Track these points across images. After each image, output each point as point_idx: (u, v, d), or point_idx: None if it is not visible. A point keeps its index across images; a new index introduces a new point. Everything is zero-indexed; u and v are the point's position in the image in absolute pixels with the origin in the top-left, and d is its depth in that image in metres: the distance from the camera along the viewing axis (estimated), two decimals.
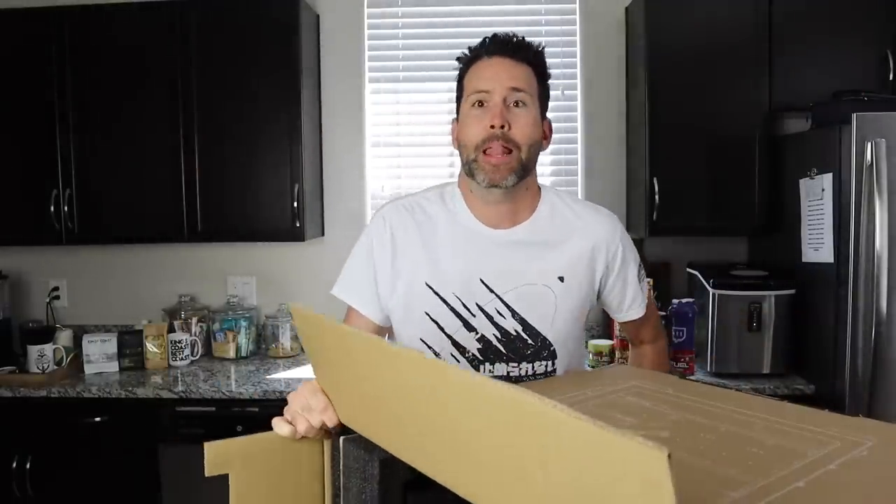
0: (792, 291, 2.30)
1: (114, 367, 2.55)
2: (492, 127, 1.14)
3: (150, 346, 2.58)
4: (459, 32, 2.76)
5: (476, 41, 1.26)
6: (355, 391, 0.76)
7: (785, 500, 0.55)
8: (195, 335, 2.71)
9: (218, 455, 0.76)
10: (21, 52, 2.56)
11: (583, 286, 1.24)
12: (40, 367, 2.46)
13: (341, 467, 0.78)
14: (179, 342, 2.61)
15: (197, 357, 2.69)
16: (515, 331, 1.20)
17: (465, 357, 1.20)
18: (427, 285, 1.20)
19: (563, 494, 0.47)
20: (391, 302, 1.23)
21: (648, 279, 2.40)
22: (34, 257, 2.94)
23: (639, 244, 2.74)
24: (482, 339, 1.19)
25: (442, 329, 1.20)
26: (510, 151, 1.15)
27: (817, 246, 2.17)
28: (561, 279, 1.22)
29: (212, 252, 2.89)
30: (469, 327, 1.19)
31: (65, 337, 2.61)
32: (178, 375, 2.48)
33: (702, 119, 2.46)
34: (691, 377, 2.29)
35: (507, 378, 1.20)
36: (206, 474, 0.75)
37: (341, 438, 0.78)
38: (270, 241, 2.75)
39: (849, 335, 2.04)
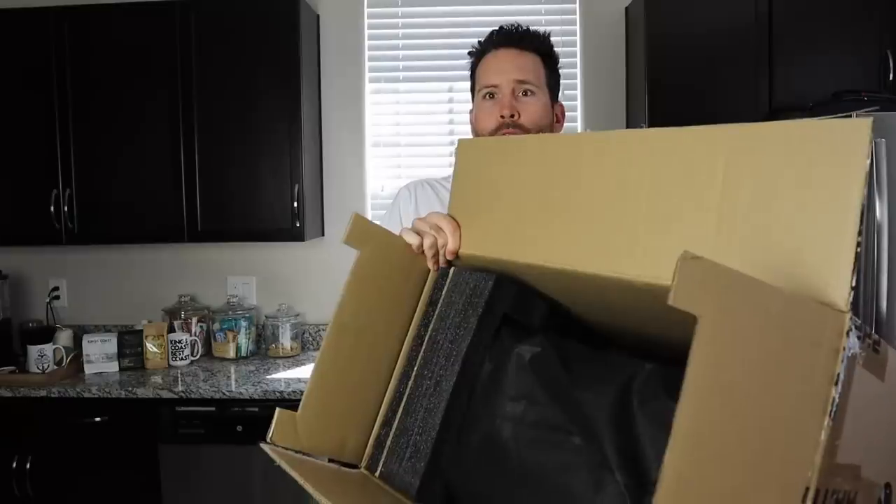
0: None
1: (114, 367, 2.55)
2: (501, 117, 1.24)
3: (150, 346, 2.58)
4: (459, 32, 2.76)
5: (475, 41, 1.33)
6: (502, 206, 0.82)
7: None
8: (195, 335, 2.71)
9: (360, 230, 0.83)
10: (21, 52, 2.56)
11: None
12: (40, 367, 2.46)
13: (448, 284, 0.85)
14: (179, 342, 2.61)
15: (197, 357, 2.69)
16: None
17: None
18: None
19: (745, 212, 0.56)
20: None
21: None
22: (34, 257, 2.94)
23: None
24: None
25: None
26: (520, 133, 1.24)
27: None
28: None
29: (212, 252, 2.90)
30: None
31: (65, 337, 2.61)
32: (178, 375, 2.48)
33: (702, 119, 2.40)
34: None
35: None
36: (344, 239, 0.82)
37: (453, 266, 0.87)
38: (270, 241, 2.75)
39: None
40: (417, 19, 2.82)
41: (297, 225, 2.56)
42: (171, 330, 2.68)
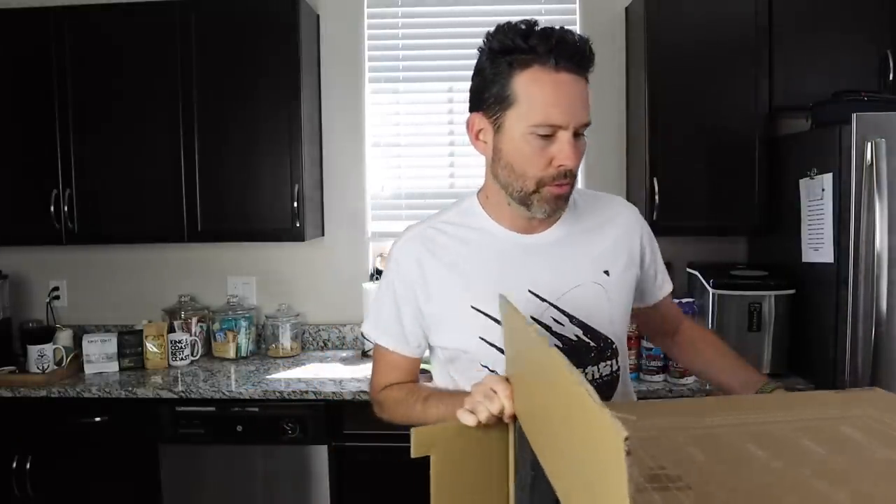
0: (792, 291, 2.29)
1: (114, 367, 2.55)
2: (560, 165, 1.04)
3: (150, 346, 2.58)
4: (459, 32, 2.76)
5: (475, 39, 1.14)
6: (523, 383, 0.84)
7: None
8: (195, 335, 2.70)
9: (422, 439, 0.86)
10: (21, 52, 2.56)
11: (628, 276, 1.22)
12: (40, 367, 2.46)
13: (513, 453, 0.87)
14: (179, 342, 2.61)
15: (197, 357, 2.69)
16: (576, 336, 1.14)
17: None
18: (474, 308, 1.13)
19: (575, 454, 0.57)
20: (434, 336, 1.20)
21: None
22: (34, 257, 2.94)
23: None
24: None
25: (501, 350, 1.11)
26: (572, 181, 1.09)
27: (817, 246, 2.17)
28: (607, 273, 1.18)
29: (212, 252, 2.89)
30: None
31: (65, 337, 2.61)
32: (178, 375, 2.48)
33: (702, 119, 2.46)
34: (689, 378, 2.29)
35: None
36: (413, 455, 0.86)
37: (516, 426, 0.88)
38: (270, 241, 2.75)
39: (849, 335, 2.04)
40: (417, 19, 2.82)
41: (297, 225, 2.56)
42: (171, 330, 2.68)
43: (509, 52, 1.04)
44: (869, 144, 1.96)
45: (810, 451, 0.73)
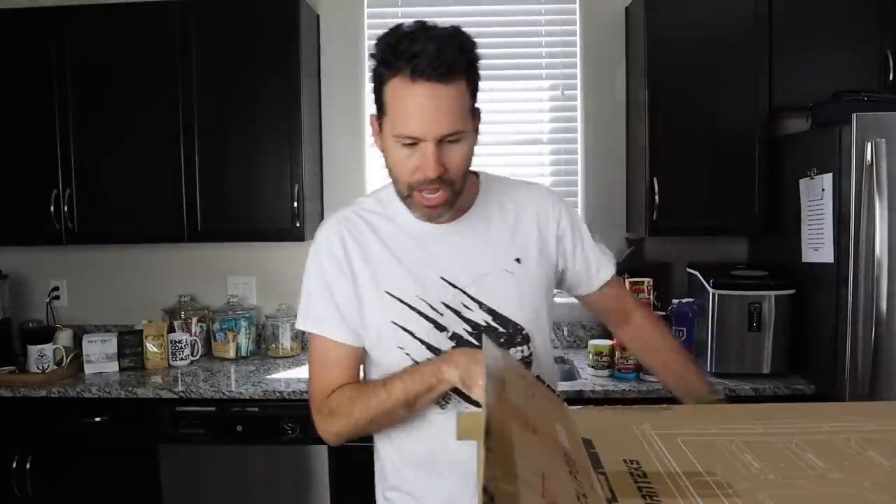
0: (792, 291, 2.29)
1: (114, 367, 2.55)
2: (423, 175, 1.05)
3: (150, 346, 2.58)
4: None
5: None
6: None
7: None
8: (195, 335, 2.70)
9: (467, 423, 0.85)
10: (21, 52, 2.56)
11: (541, 263, 1.23)
12: (40, 367, 2.46)
13: None
14: (179, 342, 2.61)
15: (197, 357, 2.69)
16: (485, 321, 1.18)
17: None
18: (388, 294, 1.16)
19: None
20: (358, 320, 1.18)
21: (648, 279, 2.42)
22: (34, 257, 2.94)
23: (639, 244, 2.75)
24: (454, 337, 1.17)
25: (413, 334, 1.16)
26: (445, 186, 1.08)
27: (817, 246, 2.17)
28: (518, 261, 1.21)
29: (212, 252, 2.89)
30: (439, 327, 1.16)
31: (65, 337, 2.61)
32: (178, 375, 2.48)
33: (702, 119, 2.46)
34: None
35: None
36: (458, 438, 0.86)
37: None
38: (270, 241, 2.75)
39: (849, 335, 2.04)
40: (417, 20, 2.81)
41: (297, 225, 2.56)
42: (171, 330, 2.68)
43: (379, 62, 1.08)
44: (869, 144, 1.96)
45: (874, 463, 0.71)
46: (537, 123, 2.85)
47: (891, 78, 2.37)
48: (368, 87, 2.84)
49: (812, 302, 2.24)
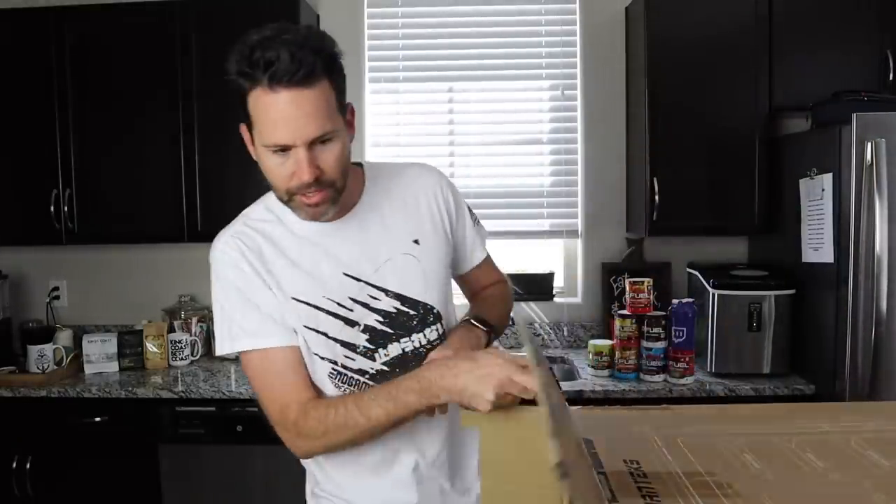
0: (792, 291, 2.29)
1: (114, 367, 2.55)
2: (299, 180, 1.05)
3: (150, 346, 2.58)
4: (459, 32, 2.76)
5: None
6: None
7: None
8: (195, 335, 2.70)
9: (472, 412, 0.90)
10: (21, 52, 2.56)
11: (437, 239, 1.24)
12: (40, 367, 2.46)
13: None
14: (179, 342, 2.61)
15: (197, 357, 2.69)
16: (395, 308, 1.18)
17: (357, 353, 1.16)
18: (295, 299, 1.14)
19: None
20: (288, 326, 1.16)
21: (648, 279, 2.42)
22: (34, 257, 2.94)
23: (639, 244, 2.75)
24: (367, 329, 1.16)
25: (325, 335, 1.15)
26: (324, 187, 1.07)
27: (817, 246, 2.17)
28: (416, 242, 1.21)
29: None
30: (350, 323, 1.16)
31: (65, 337, 2.61)
32: (178, 375, 2.48)
33: (702, 119, 2.46)
34: (689, 378, 2.29)
35: (404, 354, 1.18)
36: (462, 425, 0.92)
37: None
38: None
39: (849, 335, 2.04)
40: (417, 19, 2.82)
41: None
42: (171, 330, 2.68)
43: (237, 73, 1.07)
44: (869, 144, 1.96)
45: (874, 463, 0.71)
46: (537, 123, 2.85)
47: (891, 78, 2.37)
48: (368, 86, 2.86)
49: (812, 302, 2.24)
